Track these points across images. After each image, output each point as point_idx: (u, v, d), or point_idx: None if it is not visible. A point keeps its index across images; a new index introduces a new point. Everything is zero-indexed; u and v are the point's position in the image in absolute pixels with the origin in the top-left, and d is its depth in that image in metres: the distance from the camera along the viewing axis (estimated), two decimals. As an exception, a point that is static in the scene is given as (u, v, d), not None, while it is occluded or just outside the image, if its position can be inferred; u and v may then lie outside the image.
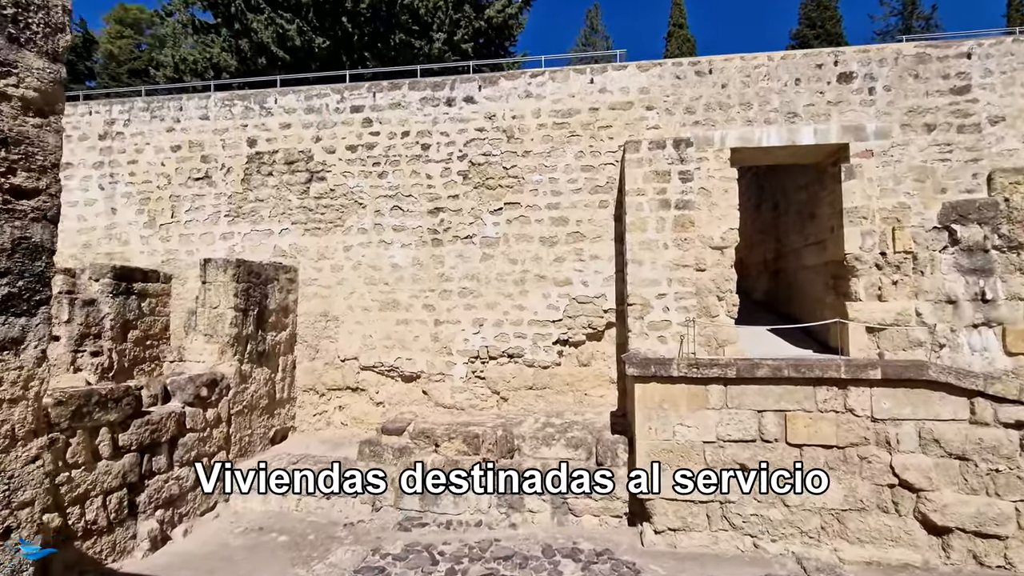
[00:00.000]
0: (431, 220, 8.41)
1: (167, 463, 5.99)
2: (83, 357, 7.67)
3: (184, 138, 9.19)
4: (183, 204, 9.12)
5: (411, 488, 6.66)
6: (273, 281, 8.01)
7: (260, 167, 8.92)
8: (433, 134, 8.48)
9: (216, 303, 7.16)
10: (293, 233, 8.77)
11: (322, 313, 8.58)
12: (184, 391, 6.37)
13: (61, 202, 7.23)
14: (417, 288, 8.38)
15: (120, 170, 9.36)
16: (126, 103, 9.45)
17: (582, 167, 8.11)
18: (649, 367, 5.88)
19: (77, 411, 4.94)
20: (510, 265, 8.19)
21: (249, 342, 7.42)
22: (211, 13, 12.27)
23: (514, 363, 8.13)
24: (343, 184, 8.68)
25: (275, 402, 8.04)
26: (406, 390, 8.40)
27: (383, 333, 8.42)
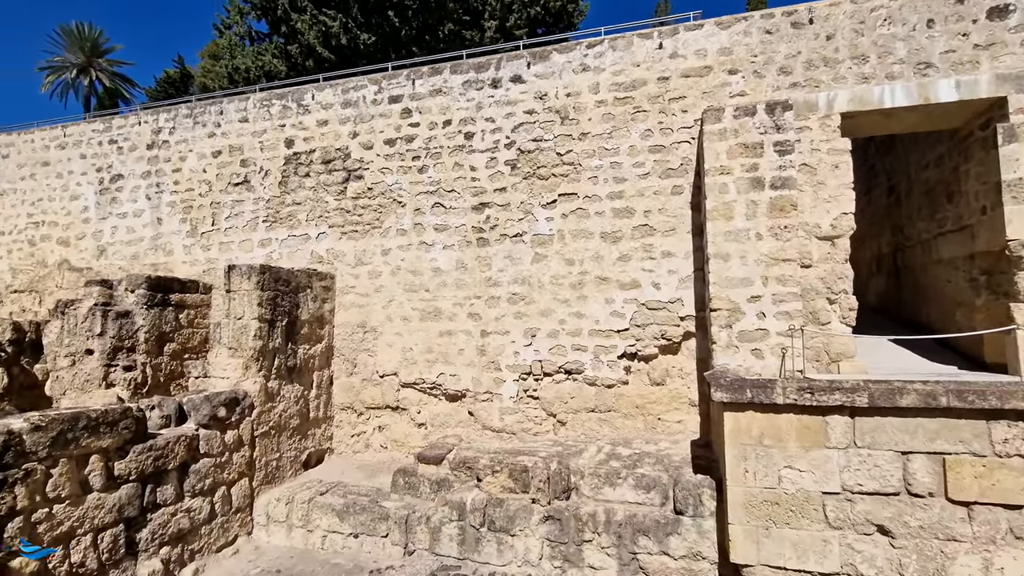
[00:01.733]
0: (476, 217, 7.43)
1: (175, 493, 5.31)
2: (116, 372, 7.30)
3: (224, 143, 8.83)
4: (223, 211, 8.73)
5: (449, 530, 5.61)
6: (305, 289, 7.32)
7: (297, 168, 8.35)
8: (477, 121, 7.52)
9: (240, 313, 6.52)
10: (330, 237, 8.09)
11: (360, 324, 7.79)
12: (199, 411, 5.71)
13: (110, 213, 6.86)
14: (461, 295, 7.40)
15: (165, 179, 9.16)
16: (171, 111, 9.26)
17: (650, 148, 6.82)
18: (743, 390, 4.50)
19: (59, 437, 4.31)
20: (566, 266, 7.01)
21: (277, 356, 6.73)
22: (265, 21, 12.23)
23: (572, 380, 6.92)
24: (381, 182, 7.90)
25: (309, 422, 7.31)
26: (450, 410, 7.41)
27: (424, 346, 7.50)
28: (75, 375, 7.35)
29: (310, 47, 10.79)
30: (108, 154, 9.59)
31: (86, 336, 7.31)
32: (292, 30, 10.95)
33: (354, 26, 10.66)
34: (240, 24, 13.19)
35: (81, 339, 7.33)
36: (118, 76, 27.17)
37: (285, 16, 10.91)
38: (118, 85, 26.58)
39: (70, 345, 7.40)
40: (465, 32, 10.96)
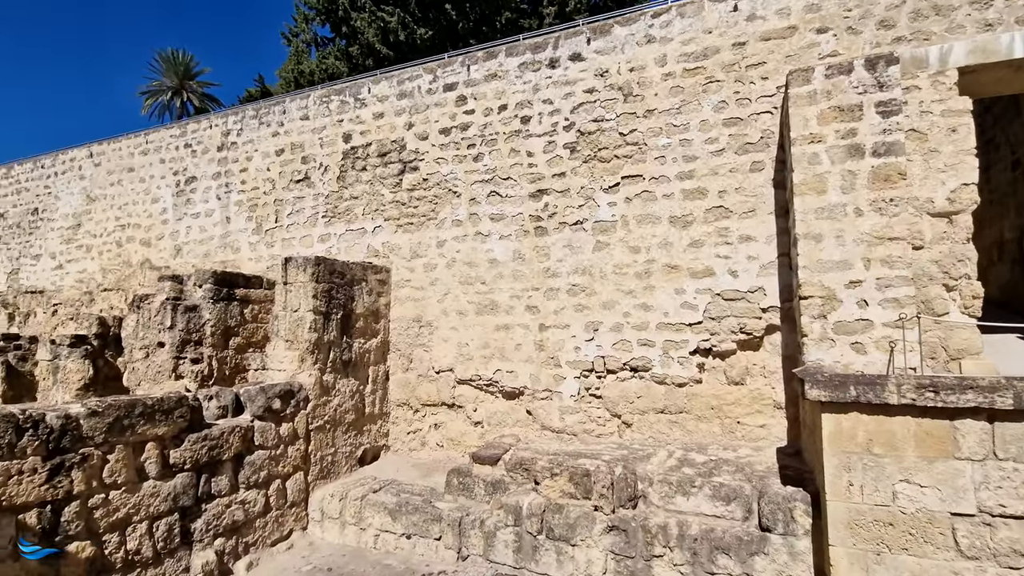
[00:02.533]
0: (533, 205, 7.03)
1: (230, 484, 5.26)
2: (184, 364, 7.50)
3: (287, 141, 8.97)
4: (285, 208, 8.86)
5: (505, 535, 5.22)
6: (361, 282, 7.20)
7: (355, 162, 8.32)
8: (534, 104, 7.14)
9: (296, 306, 6.47)
10: (386, 230, 7.97)
11: (415, 318, 7.60)
12: (254, 403, 5.66)
13: (185, 213, 7.07)
14: (518, 287, 7.02)
15: (233, 179, 9.44)
16: (239, 113, 9.55)
17: (724, 121, 6.15)
18: (846, 387, 3.80)
19: (116, 423, 4.31)
20: (630, 254, 6.46)
21: (332, 349, 6.63)
22: (328, 26, 12.54)
23: (639, 378, 6.34)
24: (436, 172, 7.68)
25: (364, 417, 7.18)
26: (507, 408, 7.03)
27: (480, 341, 7.18)
28: (148, 366, 7.62)
29: (369, 46, 10.89)
30: (183, 158, 10.04)
31: (158, 329, 7.56)
32: (352, 30, 11.10)
33: (411, 21, 10.65)
34: (306, 31, 13.66)
35: (153, 332, 7.59)
36: (207, 96, 29.16)
37: (345, 16, 11.09)
38: (207, 104, 28.50)
39: (144, 338, 7.69)
40: (523, 21, 10.66)
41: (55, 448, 3.96)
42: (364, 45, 10.91)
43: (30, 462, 3.82)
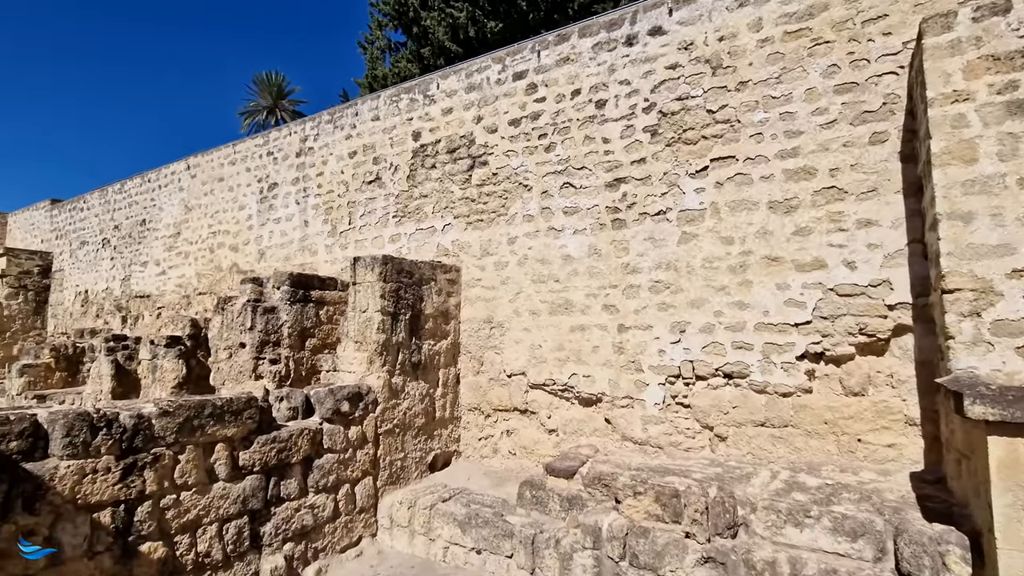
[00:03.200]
0: (610, 196, 6.47)
1: (299, 488, 5.15)
2: (263, 364, 7.65)
3: (359, 143, 9.01)
4: (358, 209, 8.88)
5: (582, 559, 4.71)
6: (429, 282, 6.98)
7: (424, 160, 8.16)
8: (610, 86, 6.58)
9: (364, 306, 6.33)
10: (455, 228, 7.72)
11: (486, 319, 7.26)
12: (323, 405, 5.54)
13: (267, 219, 7.21)
14: (595, 284, 6.48)
15: (311, 183, 9.63)
16: (315, 119, 9.75)
17: (836, 88, 5.28)
18: (1021, 403, 2.95)
19: (186, 423, 4.28)
20: (722, 246, 5.73)
21: (401, 351, 6.43)
22: (400, 30, 12.67)
23: (734, 386, 5.60)
24: (506, 166, 7.32)
25: (434, 422, 6.93)
26: (584, 416, 6.50)
27: (554, 342, 6.70)
28: (231, 366, 7.84)
29: (440, 45, 10.82)
30: (266, 165, 10.42)
31: (239, 330, 7.77)
32: (423, 30, 11.10)
33: (481, 15, 10.44)
34: (380, 38, 13.93)
35: (235, 333, 7.81)
36: (297, 114, 30.96)
37: (416, 17, 11.11)
38: (295, 120, 30.22)
39: (227, 339, 7.94)
40: (596, 6, 10.11)
41: (128, 447, 3.97)
42: (435, 44, 10.86)
43: (104, 461, 3.83)
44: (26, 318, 15.43)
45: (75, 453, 3.70)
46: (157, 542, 4.09)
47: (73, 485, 3.68)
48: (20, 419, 3.60)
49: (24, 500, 3.48)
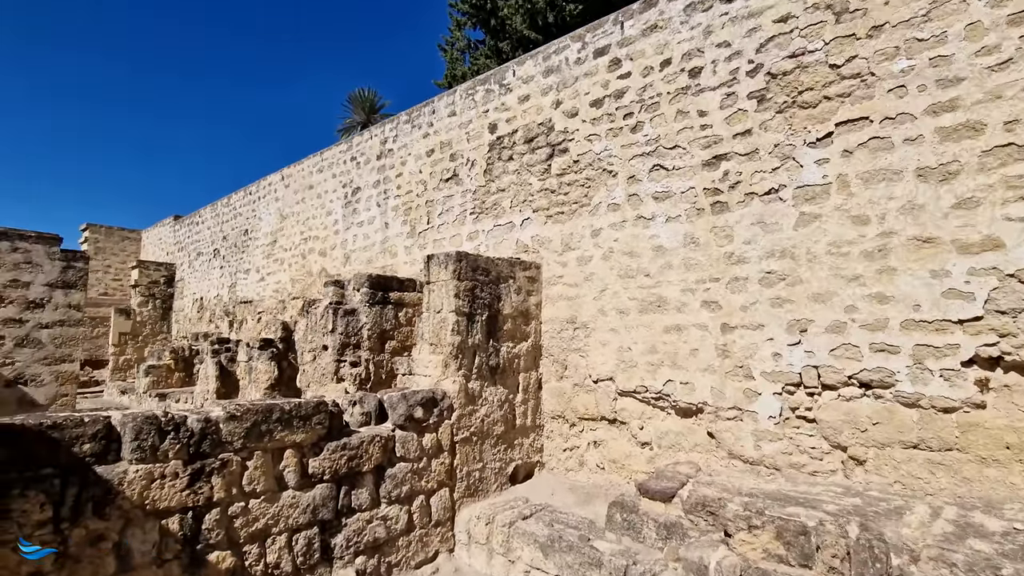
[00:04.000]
0: (708, 176, 5.64)
1: (371, 498, 4.87)
2: (344, 367, 7.60)
3: (436, 140, 8.80)
4: (436, 208, 8.66)
5: (685, 600, 3.97)
6: (507, 280, 6.52)
7: (501, 152, 7.74)
8: (706, 51, 5.76)
9: (439, 306, 6.00)
10: (534, 223, 7.21)
11: (569, 319, 6.67)
12: (395, 410, 5.25)
13: (352, 223, 7.19)
14: (691, 278, 5.67)
15: (390, 185, 9.59)
16: (394, 120, 9.71)
17: (1010, 18, 4.12)
18: None
19: (253, 428, 4.12)
20: (854, 227, 4.72)
21: (477, 353, 6.02)
22: (480, 27, 12.47)
23: (874, 398, 4.56)
24: (588, 151, 6.70)
25: (515, 430, 6.45)
26: (682, 428, 5.70)
27: (645, 344, 5.97)
28: (315, 369, 7.89)
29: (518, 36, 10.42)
30: (350, 170, 10.57)
31: (322, 333, 7.79)
32: (501, 22, 10.77)
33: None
34: (460, 38, 13.87)
35: (318, 336, 7.84)
36: (387, 126, 32.26)
37: (493, 8, 10.80)
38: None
39: (311, 341, 8.00)
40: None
41: (195, 452, 3.85)
42: (513, 36, 10.50)
43: (171, 466, 3.73)
44: (154, 323, 17.08)
45: (143, 457, 3.62)
46: (225, 551, 3.93)
47: (141, 490, 3.59)
48: (93, 421, 3.57)
49: (95, 504, 3.43)
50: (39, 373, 5.87)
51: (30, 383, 5.82)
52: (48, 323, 5.96)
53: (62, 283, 6.11)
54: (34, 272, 5.90)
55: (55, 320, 6.01)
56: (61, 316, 6.06)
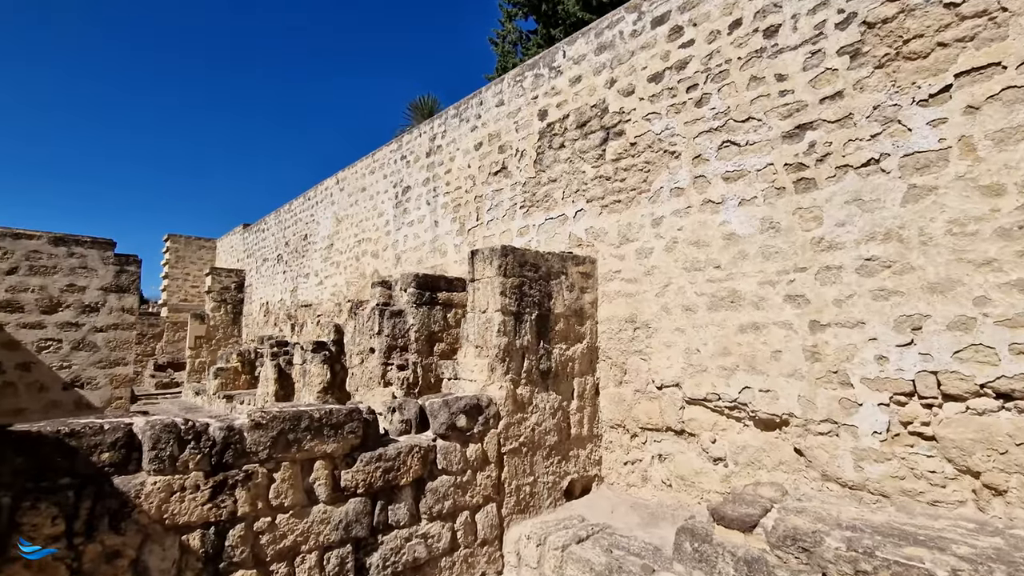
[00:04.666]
0: (790, 150, 4.85)
1: (409, 514, 4.47)
2: (392, 370, 7.33)
3: (484, 133, 8.39)
4: (485, 203, 8.25)
5: (773, 655, 3.27)
6: (559, 276, 5.97)
7: (551, 140, 7.21)
8: (783, 5, 4.97)
9: (484, 305, 5.55)
10: (589, 214, 6.62)
11: (628, 318, 6.03)
12: (436, 418, 4.84)
13: (402, 223, 6.91)
14: (772, 269, 4.90)
15: (439, 182, 9.29)
16: (442, 115, 9.41)
17: None
18: None
19: (280, 437, 3.82)
20: (984, 199, 3.82)
21: (526, 356, 5.52)
22: (532, 17, 12.00)
23: (1017, 412, 3.64)
24: (646, 132, 6.04)
25: (569, 440, 5.88)
26: (763, 443, 4.93)
27: (717, 346, 5.24)
28: (363, 372, 7.67)
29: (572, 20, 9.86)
30: (400, 169, 10.39)
31: (369, 335, 7.56)
32: (552, 7, 10.26)
33: (614, -24, 9.26)
34: (512, 31, 13.48)
35: (366, 338, 7.62)
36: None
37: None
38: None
39: (359, 343, 7.79)
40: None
41: (218, 463, 3.58)
42: (566, 21, 9.96)
43: (192, 478, 3.48)
44: (226, 327, 17.84)
45: (162, 468, 3.38)
46: (251, 570, 3.64)
47: (160, 503, 3.35)
48: (113, 429, 3.37)
49: (111, 518, 3.22)
50: (94, 376, 5.98)
51: (86, 386, 5.94)
52: (102, 327, 6.07)
53: (115, 287, 6.22)
54: (89, 276, 6.04)
55: (109, 324, 6.12)
56: (115, 320, 6.16)
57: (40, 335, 5.77)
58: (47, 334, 5.80)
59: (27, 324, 5.71)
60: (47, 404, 5.78)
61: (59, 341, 5.83)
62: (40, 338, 5.77)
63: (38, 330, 5.77)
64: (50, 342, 5.81)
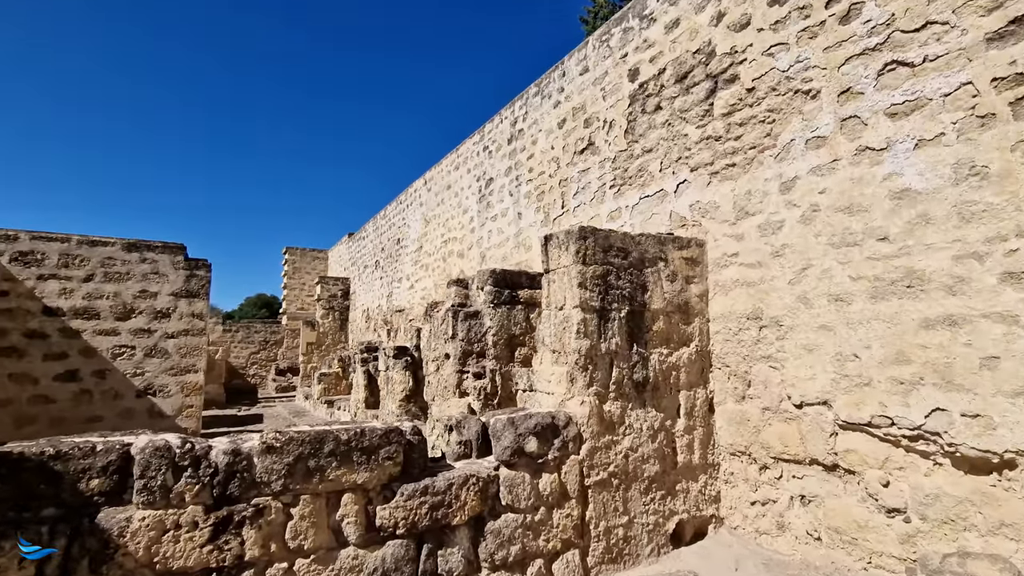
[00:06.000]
0: (1000, 56, 3.27)
1: (465, 562, 3.56)
2: (467, 379, 6.53)
3: (567, 107, 7.37)
4: (571, 187, 7.21)
5: None
6: (655, 263, 4.77)
7: (644, 103, 6.01)
8: None
9: (560, 300, 4.52)
10: (694, 186, 5.33)
11: (750, 313, 4.66)
12: (500, 441, 3.90)
13: (486, 218, 6.15)
14: (976, 236, 3.33)
15: (522, 169, 8.42)
16: (523, 96, 8.54)
17: None
18: None
19: (298, 464, 3.11)
20: None
21: (615, 364, 4.40)
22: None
23: None
24: (769, 71, 4.65)
25: (675, 470, 4.63)
26: (973, 492, 3.35)
27: (887, 349, 3.73)
28: (438, 380, 6.97)
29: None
30: (483, 162, 9.69)
31: (443, 339, 6.85)
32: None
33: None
34: (604, 4, 12.30)
35: (440, 342, 6.92)
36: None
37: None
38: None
39: (434, 349, 7.11)
40: None
41: (221, 496, 2.94)
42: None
43: (189, 513, 2.86)
44: (334, 333, 18.49)
45: (152, 500, 2.80)
46: (261, 630, 2.96)
47: (149, 544, 2.76)
48: (107, 450, 2.85)
49: (91, 560, 2.68)
50: (166, 384, 5.90)
51: (158, 394, 5.88)
52: (173, 332, 6.00)
53: (185, 292, 6.13)
54: (160, 282, 5.99)
55: (180, 330, 6.03)
56: (185, 326, 6.06)
57: (114, 342, 5.81)
58: (121, 340, 5.82)
59: (103, 331, 5.77)
60: (121, 412, 5.78)
61: (132, 348, 5.83)
62: (115, 344, 5.80)
63: (112, 337, 5.81)
64: (124, 348, 5.83)
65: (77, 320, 5.61)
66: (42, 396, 5.48)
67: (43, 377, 5.49)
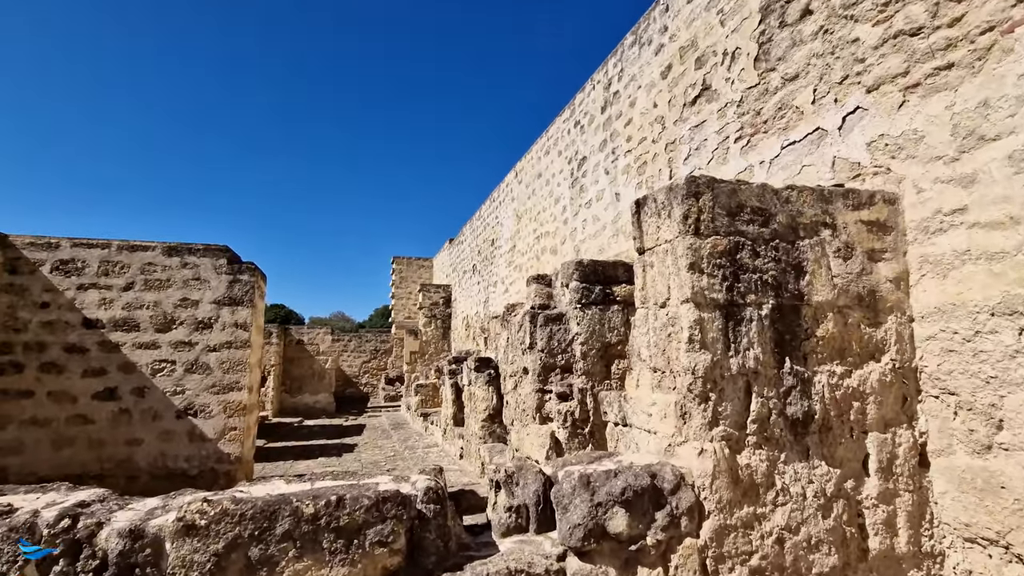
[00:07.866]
0: None
1: None
2: (550, 400, 5.18)
3: (672, 49, 5.74)
4: (680, 151, 5.57)
5: None
6: (818, 230, 3.06)
7: (784, 12, 4.25)
8: None
9: (661, 294, 3.00)
10: (872, 115, 3.50)
11: (996, 306, 2.76)
12: (567, 513, 2.50)
13: (579, 205, 4.95)
14: None
15: (618, 139, 6.89)
16: (616, 50, 7.02)
17: None
18: None
19: (233, 552, 1.99)
20: None
21: (754, 390, 2.78)
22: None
23: None
24: None
25: (863, 563, 2.86)
26: None
27: None
28: (516, 400, 5.70)
29: None
30: (574, 140, 8.30)
31: (520, 350, 5.57)
32: None
33: None
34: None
35: (517, 354, 5.65)
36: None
37: None
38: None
39: (512, 361, 5.86)
40: None
41: (110, 601, 1.91)
42: None
43: (58, 628, 1.85)
44: (437, 342, 18.08)
45: (2, 608, 1.83)
46: None
47: (-5, 677, 1.79)
48: None
49: None
50: (207, 403, 5.30)
51: (199, 414, 5.29)
52: (216, 345, 5.40)
53: (228, 300, 5.51)
54: (202, 289, 5.44)
55: (222, 342, 5.42)
56: (228, 337, 5.44)
57: (154, 356, 5.34)
58: (161, 355, 5.34)
59: (142, 344, 5.33)
60: (161, 434, 5.28)
61: (172, 363, 5.32)
62: (154, 359, 5.33)
63: (152, 350, 5.35)
64: (164, 364, 5.34)
65: (117, 332, 5.25)
66: (81, 416, 5.16)
67: (82, 395, 5.18)
